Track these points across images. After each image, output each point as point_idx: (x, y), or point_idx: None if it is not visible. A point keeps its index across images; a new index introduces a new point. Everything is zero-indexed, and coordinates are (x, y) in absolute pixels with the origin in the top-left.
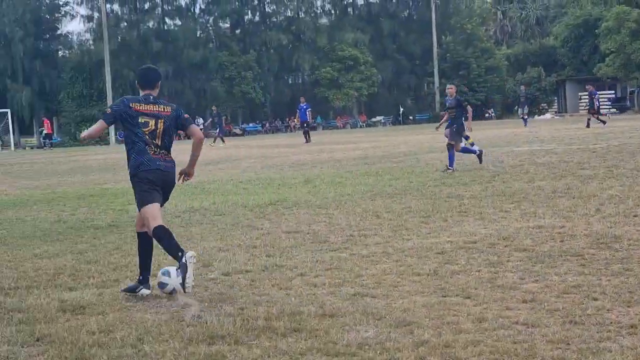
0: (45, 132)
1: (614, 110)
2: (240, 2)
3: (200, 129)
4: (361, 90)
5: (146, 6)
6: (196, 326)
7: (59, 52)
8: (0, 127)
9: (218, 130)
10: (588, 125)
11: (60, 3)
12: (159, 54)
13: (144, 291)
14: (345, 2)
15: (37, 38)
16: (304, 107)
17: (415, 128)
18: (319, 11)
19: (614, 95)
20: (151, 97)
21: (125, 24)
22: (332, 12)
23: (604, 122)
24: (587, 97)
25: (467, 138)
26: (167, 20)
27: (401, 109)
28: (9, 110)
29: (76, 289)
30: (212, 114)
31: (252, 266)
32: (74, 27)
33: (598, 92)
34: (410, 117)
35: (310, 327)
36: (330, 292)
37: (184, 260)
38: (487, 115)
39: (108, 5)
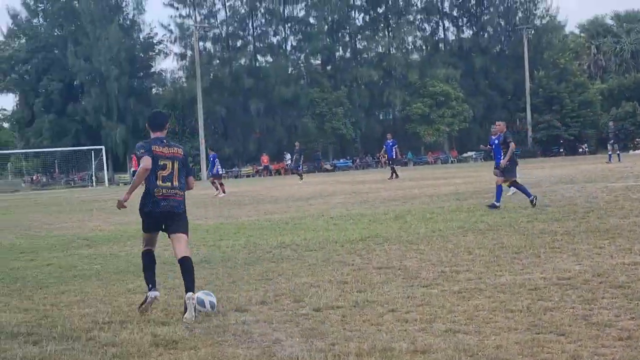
0: (133, 169)
1: None
2: (332, 39)
3: (287, 165)
4: (452, 126)
5: (238, 44)
6: None
7: (153, 90)
8: (95, 163)
9: (299, 167)
10: None
11: (154, 42)
12: (251, 91)
13: (152, 293)
14: (436, 38)
15: (132, 76)
16: (390, 143)
17: None
18: (410, 47)
19: None
20: (164, 140)
21: (218, 61)
22: (424, 48)
23: None
24: None
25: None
26: (258, 57)
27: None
28: (103, 147)
29: (169, 324)
30: (295, 150)
31: (343, 302)
32: (167, 65)
33: None
34: None
35: None
36: (422, 328)
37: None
38: (580, 150)
39: (201, 43)
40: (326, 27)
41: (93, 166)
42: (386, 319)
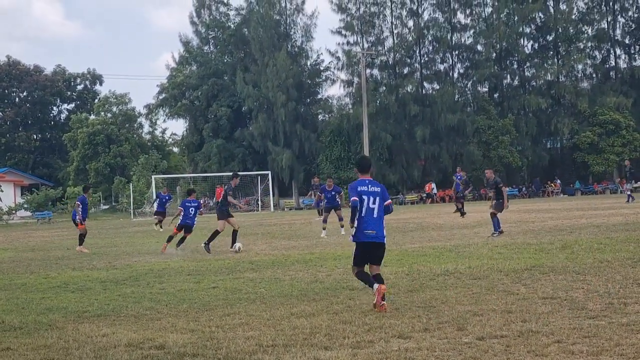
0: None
1: None
2: (499, 66)
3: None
4: (622, 156)
5: (405, 71)
6: None
7: (319, 116)
8: (261, 188)
9: (318, 204)
10: None
11: (321, 68)
12: (416, 118)
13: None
14: (607, 66)
15: (299, 102)
16: (459, 177)
17: None
18: (579, 75)
19: None
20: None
21: (384, 88)
22: (594, 75)
23: None
24: None
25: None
26: (425, 84)
27: None
28: (269, 172)
29: (331, 349)
30: (312, 185)
31: (507, 331)
32: (334, 91)
33: None
34: None
35: None
36: None
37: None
38: None
39: (368, 71)
40: (494, 54)
41: (259, 191)
42: (551, 350)
